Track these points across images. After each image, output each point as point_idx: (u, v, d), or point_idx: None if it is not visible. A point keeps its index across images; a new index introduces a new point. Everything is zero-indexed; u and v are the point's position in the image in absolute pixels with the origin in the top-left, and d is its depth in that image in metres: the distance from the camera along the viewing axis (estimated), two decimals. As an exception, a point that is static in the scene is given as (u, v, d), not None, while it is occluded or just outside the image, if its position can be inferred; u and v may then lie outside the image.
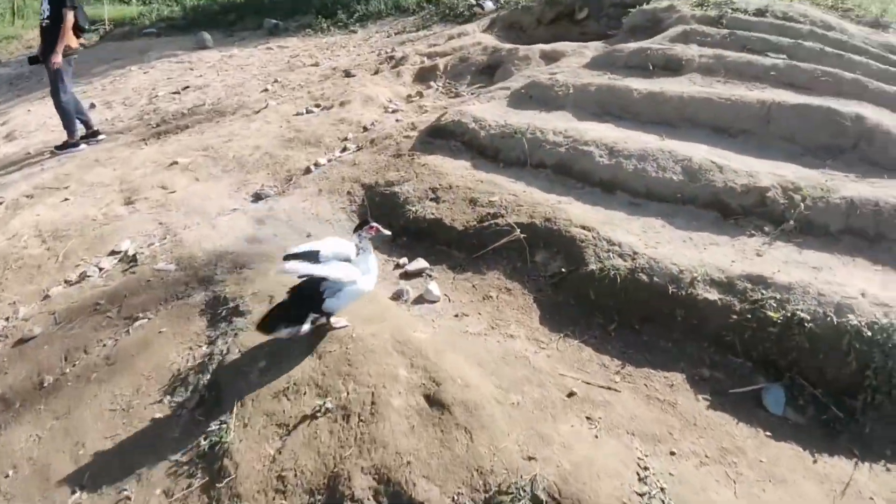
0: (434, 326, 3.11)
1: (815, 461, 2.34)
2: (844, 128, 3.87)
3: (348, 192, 4.71)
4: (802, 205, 3.35)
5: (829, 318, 2.65)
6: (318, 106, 6.53)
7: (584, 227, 3.55)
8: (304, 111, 6.44)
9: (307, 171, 5.22)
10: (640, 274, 3.14)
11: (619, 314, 3.15)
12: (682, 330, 2.98)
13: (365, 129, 5.77)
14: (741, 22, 5.89)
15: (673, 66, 5.22)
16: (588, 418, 2.51)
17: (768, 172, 3.62)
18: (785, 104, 4.16)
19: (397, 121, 5.81)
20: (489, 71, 6.92)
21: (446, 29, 8.39)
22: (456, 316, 3.26)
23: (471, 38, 7.81)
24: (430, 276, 3.68)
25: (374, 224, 2.56)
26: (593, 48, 6.54)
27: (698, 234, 3.44)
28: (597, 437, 2.40)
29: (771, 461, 2.35)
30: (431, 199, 4.25)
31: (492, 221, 3.87)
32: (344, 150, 5.46)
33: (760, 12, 6.06)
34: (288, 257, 2.53)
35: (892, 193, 3.26)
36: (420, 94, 6.50)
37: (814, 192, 3.39)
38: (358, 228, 2.56)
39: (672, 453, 2.36)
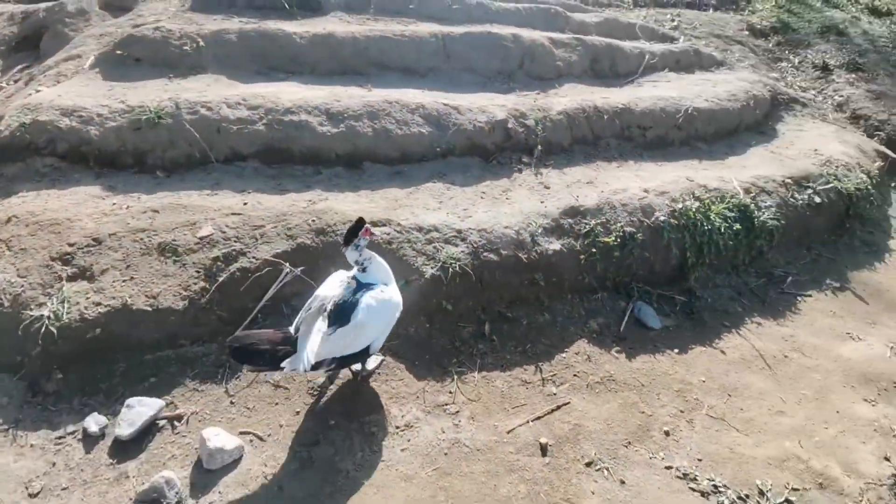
0: None
1: (724, 353, 2.50)
2: (509, 50, 4.10)
3: None
4: (539, 129, 3.39)
5: (645, 224, 2.79)
6: None
7: (375, 224, 2.55)
8: None
9: None
10: (487, 254, 2.50)
11: (485, 311, 2.48)
12: (547, 293, 2.60)
13: None
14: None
15: (312, 5, 4.32)
16: (589, 464, 1.85)
17: (494, 105, 3.47)
18: (454, 35, 4.05)
19: None
20: (30, 44, 4.32)
21: None
22: (304, 463, 1.81)
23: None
24: (181, 419, 1.95)
25: (368, 225, 1.86)
26: (176, -11, 4.80)
27: (486, 185, 3.03)
28: (623, 482, 1.79)
29: (710, 377, 2.36)
30: (74, 278, 2.21)
31: (234, 269, 2.33)
32: None
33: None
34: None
35: (589, 98, 3.69)
36: None
37: (536, 115, 3.47)
38: (350, 238, 1.84)
39: (667, 433, 2.04)
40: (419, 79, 3.88)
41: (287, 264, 2.36)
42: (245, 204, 2.63)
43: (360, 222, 1.83)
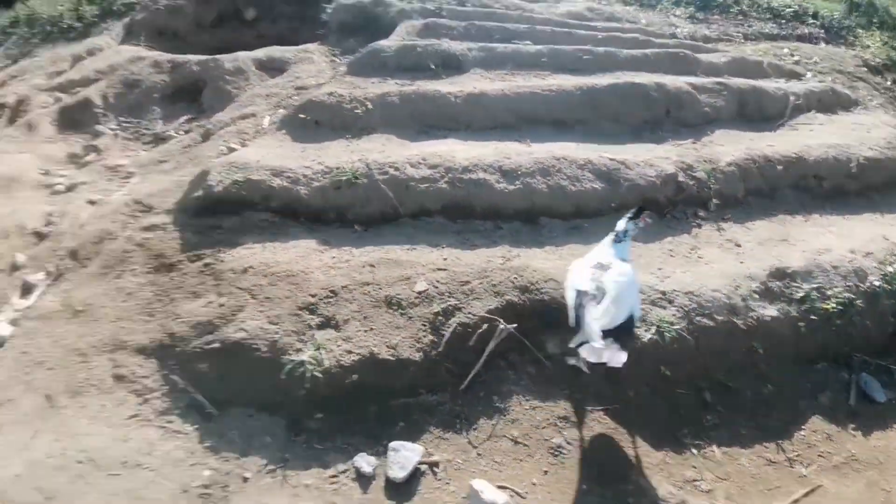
0: None
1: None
2: (653, 98, 4.07)
3: (119, 378, 2.15)
4: (710, 181, 3.31)
5: (861, 289, 2.61)
6: None
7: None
8: None
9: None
10: (699, 318, 2.41)
11: (703, 378, 2.38)
12: (766, 363, 2.46)
13: (39, 235, 2.84)
14: (457, 12, 5.69)
15: (453, 64, 4.51)
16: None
17: (658, 158, 3.43)
18: (598, 87, 4.09)
19: (92, 203, 3.09)
20: (188, 96, 4.67)
21: (61, 49, 5.20)
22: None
23: (116, 54, 5.02)
24: (437, 465, 1.96)
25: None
26: (319, 52, 5.17)
27: (669, 242, 2.96)
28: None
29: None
30: (322, 327, 2.33)
31: (454, 323, 2.37)
32: (27, 291, 2.51)
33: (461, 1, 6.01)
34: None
35: (755, 147, 3.58)
36: (95, 150, 3.71)
37: (705, 166, 3.40)
38: (637, 215, 2.23)
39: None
40: (568, 131, 3.91)
41: (501, 321, 2.38)
42: (445, 259, 2.70)
43: (643, 208, 2.27)
